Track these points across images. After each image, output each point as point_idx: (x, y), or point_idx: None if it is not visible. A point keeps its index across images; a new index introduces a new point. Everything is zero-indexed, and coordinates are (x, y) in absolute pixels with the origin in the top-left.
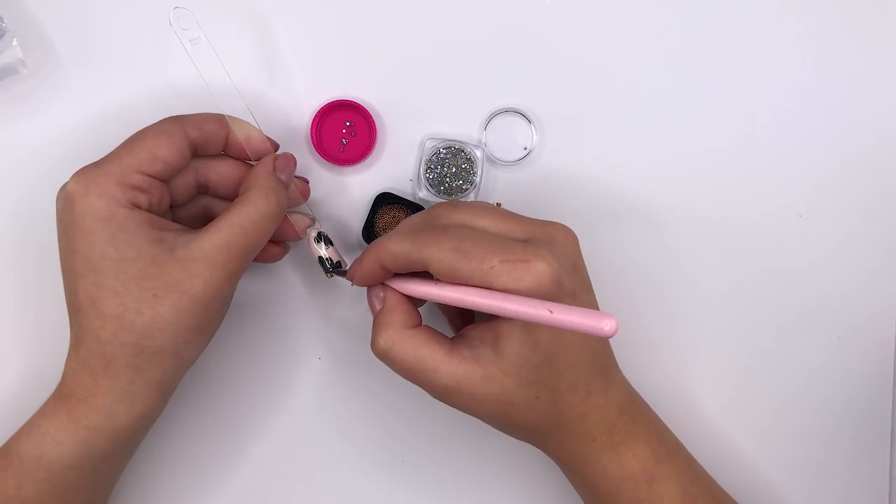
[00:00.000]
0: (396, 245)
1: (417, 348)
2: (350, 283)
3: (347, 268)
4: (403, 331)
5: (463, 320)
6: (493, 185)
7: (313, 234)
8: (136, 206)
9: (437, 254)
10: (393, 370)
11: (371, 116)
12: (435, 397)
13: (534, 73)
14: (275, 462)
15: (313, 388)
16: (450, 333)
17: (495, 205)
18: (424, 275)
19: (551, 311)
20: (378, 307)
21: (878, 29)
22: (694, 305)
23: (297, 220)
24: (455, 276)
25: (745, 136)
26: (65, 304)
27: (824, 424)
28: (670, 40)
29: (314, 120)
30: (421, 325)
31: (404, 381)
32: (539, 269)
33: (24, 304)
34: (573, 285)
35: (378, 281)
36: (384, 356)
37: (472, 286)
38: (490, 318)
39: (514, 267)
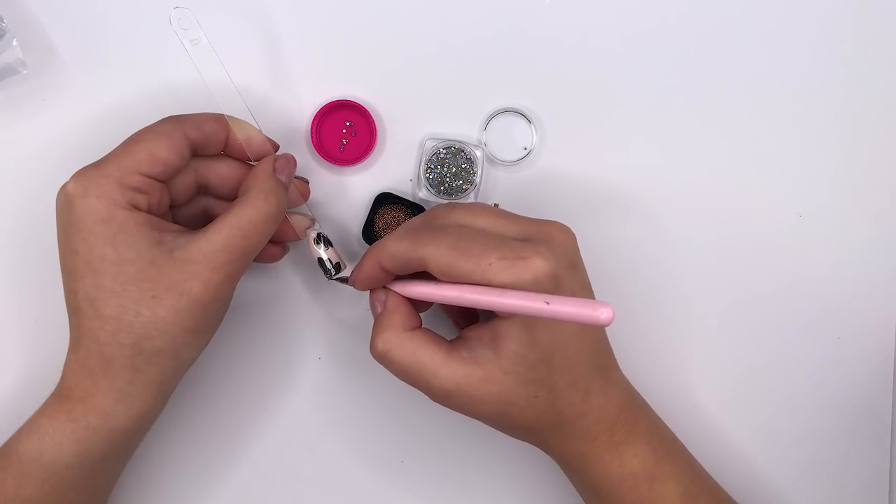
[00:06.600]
0: (394, 245)
1: (415, 351)
2: (353, 287)
3: (347, 271)
4: (402, 333)
5: (466, 321)
6: (492, 185)
7: (313, 234)
8: (136, 207)
9: (434, 252)
10: (391, 372)
11: (371, 116)
12: (434, 400)
13: (534, 74)
14: (275, 462)
15: (313, 388)
16: (453, 336)
17: (493, 205)
18: (426, 278)
19: (547, 303)
20: (379, 310)
21: (878, 29)
22: (694, 305)
23: (297, 221)
24: (453, 274)
25: (744, 136)
26: (65, 305)
27: (824, 424)
28: (670, 40)
29: (314, 120)
30: (420, 327)
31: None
32: (537, 266)
33: (25, 304)
34: (571, 283)
35: (379, 284)
36: (382, 358)
37: (470, 284)
38: (489, 318)
39: (511, 264)
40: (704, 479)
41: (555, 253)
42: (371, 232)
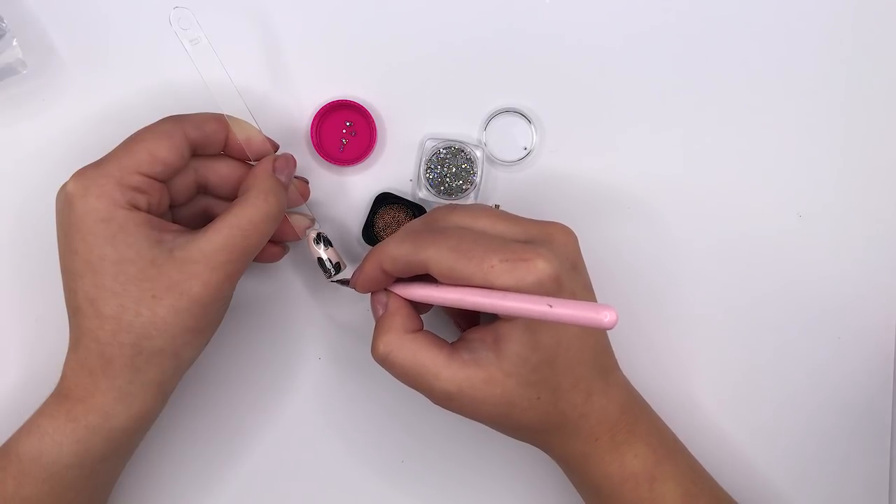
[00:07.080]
0: (395, 248)
1: (417, 353)
2: (354, 290)
3: (348, 272)
4: (403, 335)
5: (468, 322)
6: (492, 186)
7: (313, 234)
8: (136, 207)
9: (435, 254)
10: (392, 375)
11: (371, 116)
12: (436, 403)
13: (534, 74)
14: (275, 462)
15: (313, 388)
16: (454, 337)
17: (494, 206)
18: (427, 280)
19: (551, 306)
20: (381, 312)
21: (878, 29)
22: (694, 306)
23: (297, 221)
24: (455, 277)
25: (745, 136)
26: (65, 305)
27: (824, 424)
28: (671, 41)
29: (314, 120)
30: (422, 330)
31: None
32: (539, 268)
33: (25, 304)
34: (573, 284)
35: (380, 287)
36: (383, 361)
37: (472, 286)
38: (491, 320)
39: (514, 266)
40: (705, 480)
41: (556, 254)
42: (371, 232)
